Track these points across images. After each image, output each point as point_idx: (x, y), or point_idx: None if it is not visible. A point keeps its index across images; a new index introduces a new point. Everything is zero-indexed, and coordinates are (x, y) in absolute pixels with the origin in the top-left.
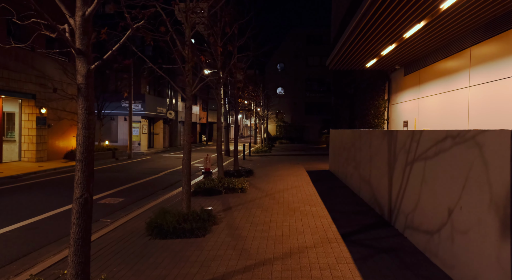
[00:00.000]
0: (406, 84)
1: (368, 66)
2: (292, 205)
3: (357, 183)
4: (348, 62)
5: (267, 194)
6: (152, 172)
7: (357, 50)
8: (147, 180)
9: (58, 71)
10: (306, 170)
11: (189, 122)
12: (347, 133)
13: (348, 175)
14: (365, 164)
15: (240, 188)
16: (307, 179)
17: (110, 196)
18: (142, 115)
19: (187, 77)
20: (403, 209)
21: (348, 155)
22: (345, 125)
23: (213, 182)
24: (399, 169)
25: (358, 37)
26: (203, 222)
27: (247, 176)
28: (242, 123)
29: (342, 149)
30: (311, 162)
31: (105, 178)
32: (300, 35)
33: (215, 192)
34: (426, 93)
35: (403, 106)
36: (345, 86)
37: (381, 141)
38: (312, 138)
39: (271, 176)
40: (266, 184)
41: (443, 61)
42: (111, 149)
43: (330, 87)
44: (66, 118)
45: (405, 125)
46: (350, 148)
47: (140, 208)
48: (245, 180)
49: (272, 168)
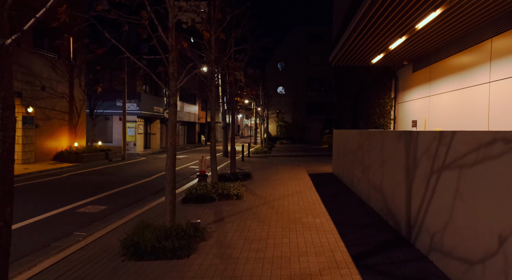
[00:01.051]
0: (414, 81)
1: (373, 62)
2: (293, 215)
3: (365, 190)
4: (353, 57)
5: (265, 201)
6: (144, 175)
7: (363, 44)
8: (138, 184)
9: (47, 68)
10: (308, 173)
11: (174, 122)
12: (354, 133)
13: (355, 179)
14: (375, 169)
15: (236, 195)
16: (309, 184)
17: (92, 203)
18: (138, 114)
19: (171, 69)
20: (427, 226)
21: (354, 158)
22: (348, 125)
23: (206, 188)
24: (421, 177)
25: (365, 29)
26: (188, 239)
27: (244, 179)
28: (242, 123)
29: (348, 151)
30: (313, 163)
31: (91, 182)
32: (301, 33)
33: (208, 199)
34: (438, 90)
35: (411, 105)
36: (348, 84)
37: (396, 143)
38: (313, 138)
39: (270, 180)
40: (265, 189)
41: (458, 55)
42: (104, 150)
43: (332, 86)
44: (55, 117)
45: (413, 125)
46: (357, 150)
47: (122, 218)
48: (241, 185)
49: (272, 170)
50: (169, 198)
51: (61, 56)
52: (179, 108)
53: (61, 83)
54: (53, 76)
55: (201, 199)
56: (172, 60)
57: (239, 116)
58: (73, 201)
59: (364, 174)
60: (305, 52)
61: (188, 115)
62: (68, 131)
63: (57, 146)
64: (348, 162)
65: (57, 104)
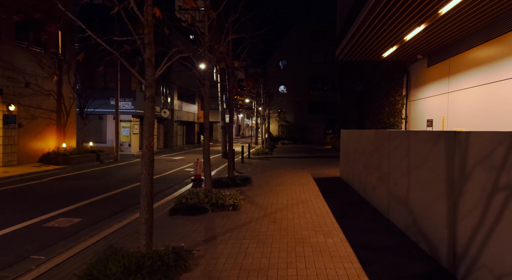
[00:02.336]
0: (430, 77)
1: (384, 56)
2: (300, 233)
3: (383, 200)
4: (362, 50)
5: (266, 213)
6: (134, 179)
7: (374, 35)
8: (125, 189)
9: (32, 64)
10: (313, 176)
11: (151, 120)
12: (367, 134)
13: (369, 187)
14: (398, 177)
15: (232, 205)
16: (315, 190)
17: (65, 215)
18: (133, 113)
19: (147, 54)
20: (488, 262)
21: (368, 162)
22: (353, 125)
23: (198, 197)
24: (475, 194)
25: (378, 17)
26: (167, 270)
27: (243, 185)
28: (243, 122)
29: (359, 154)
30: (318, 166)
31: (74, 188)
32: (303, 31)
33: (199, 211)
34: (459, 86)
35: (426, 103)
36: (353, 82)
37: (430, 147)
38: (316, 139)
39: (272, 185)
40: (266, 197)
41: (484, 46)
42: (95, 151)
43: (335, 85)
44: (42, 116)
45: (429, 124)
46: (371, 154)
47: (94, 235)
48: (239, 193)
49: (274, 173)
50: (145, 217)
51: (48, 51)
52: (178, 107)
53: (47, 80)
54: (38, 72)
55: (191, 210)
56: (149, 43)
57: (240, 115)
58: (45, 211)
59: (382, 182)
60: (307, 50)
61: (187, 114)
62: (56, 131)
63: (43, 147)
64: (360, 167)
65: (43, 102)
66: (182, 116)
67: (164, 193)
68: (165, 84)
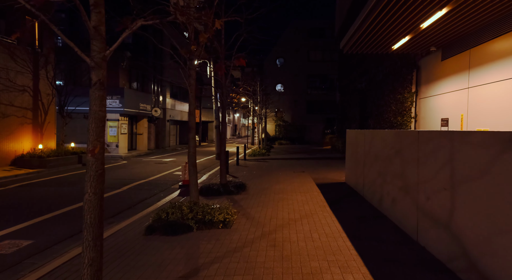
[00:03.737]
0: (445, 71)
1: (394, 48)
2: (308, 264)
3: (409, 218)
4: (370, 42)
5: (263, 232)
6: (114, 185)
7: (387, 22)
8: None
9: (2, 56)
10: (315, 182)
11: (100, 116)
12: (384, 135)
13: (386, 198)
14: (434, 190)
15: (222, 221)
16: (320, 199)
17: (16, 235)
18: (121, 112)
19: (94, 20)
20: None
21: (385, 168)
22: (354, 125)
23: (181, 211)
24: None
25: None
26: None
27: (237, 192)
28: (240, 122)
29: (372, 157)
30: (319, 169)
31: (41, 196)
32: (301, 28)
33: (182, 229)
34: (482, 80)
35: (439, 100)
36: (354, 80)
37: (497, 153)
38: (314, 139)
39: (270, 193)
40: (263, 209)
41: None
42: (77, 153)
43: (334, 83)
44: (15, 114)
45: (443, 124)
46: (390, 158)
47: (35, 270)
48: (231, 204)
49: (271, 178)
50: (89, 256)
51: (22, 42)
52: (170, 106)
53: (22, 74)
54: (11, 65)
55: (172, 228)
56: (95, 4)
57: (236, 115)
58: None
59: (407, 195)
60: (305, 48)
61: (181, 113)
62: (32, 131)
63: (16, 148)
64: (373, 173)
65: (16, 99)
66: (175, 115)
67: (146, 203)
68: (157, 81)
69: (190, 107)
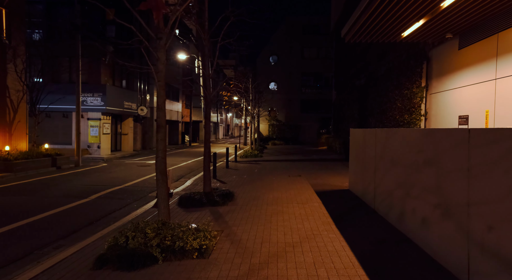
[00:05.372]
0: (463, 61)
1: (404, 36)
2: None
3: (456, 250)
4: (378, 27)
5: (251, 267)
6: (82, 193)
7: (400, 2)
8: (61, 210)
9: None
10: (314, 189)
11: None
12: (406, 134)
13: (411, 217)
14: (503, 216)
15: (198, 249)
16: (322, 213)
17: None
18: (103, 111)
19: None
20: None
21: (408, 177)
22: (352, 124)
23: (145, 235)
24: None
25: None
26: None
27: (223, 203)
28: (232, 122)
29: (388, 162)
30: (317, 172)
31: None
32: (295, 25)
33: (142, 260)
34: None
35: (456, 95)
36: (352, 76)
37: None
38: (309, 139)
39: (262, 204)
40: (252, 228)
41: None
42: (51, 155)
43: (329, 81)
44: None
45: (462, 122)
46: (417, 165)
47: None
48: (211, 224)
49: (264, 184)
50: None
51: None
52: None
53: None
54: None
55: (129, 260)
56: None
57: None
58: None
59: (449, 217)
60: (299, 45)
61: (170, 113)
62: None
63: None
64: (389, 181)
65: None
66: None
67: (112, 217)
68: (143, 79)
69: (158, 99)
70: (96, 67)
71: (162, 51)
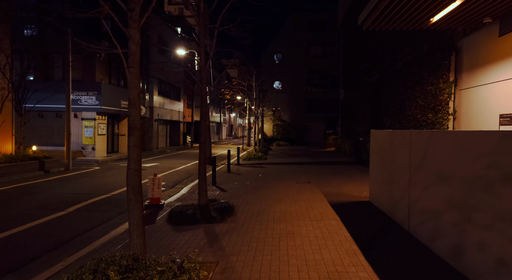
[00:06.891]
0: (506, 49)
1: (434, 21)
2: None
3: None
4: (403, 11)
5: None
6: (61, 204)
7: None
8: (27, 227)
9: None
10: (328, 199)
11: None
12: (465, 140)
13: (477, 254)
14: None
15: None
16: (343, 237)
17: None
18: (98, 110)
19: None
20: None
21: (469, 198)
22: (364, 124)
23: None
24: None
25: None
26: None
27: (220, 220)
28: (236, 122)
29: (431, 175)
30: (328, 178)
31: None
32: (300, 21)
33: None
34: None
35: (495, 90)
36: (363, 73)
37: None
38: (315, 140)
39: (267, 221)
40: (256, 260)
41: None
42: (38, 158)
43: (336, 80)
44: None
45: (505, 122)
46: (487, 183)
47: None
48: (201, 256)
49: (269, 192)
50: None
51: None
52: (159, 104)
53: None
54: None
55: None
56: None
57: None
58: None
59: None
60: (305, 43)
61: (171, 112)
62: None
63: None
64: (433, 200)
65: None
66: (165, 115)
67: (86, 238)
68: (142, 77)
69: (131, 92)
70: (90, 64)
71: (135, 27)
